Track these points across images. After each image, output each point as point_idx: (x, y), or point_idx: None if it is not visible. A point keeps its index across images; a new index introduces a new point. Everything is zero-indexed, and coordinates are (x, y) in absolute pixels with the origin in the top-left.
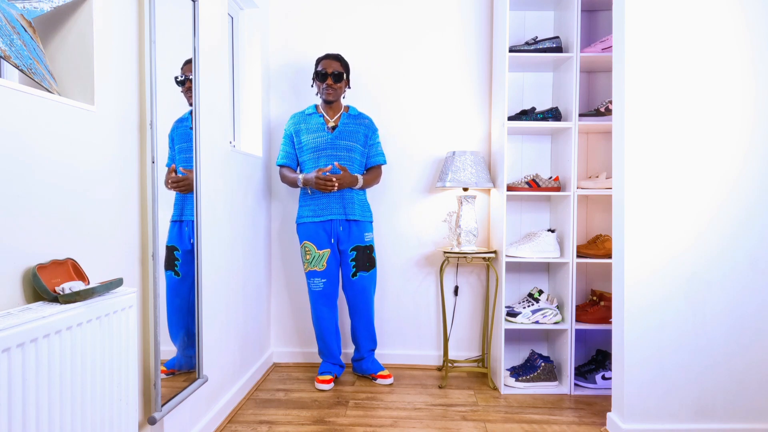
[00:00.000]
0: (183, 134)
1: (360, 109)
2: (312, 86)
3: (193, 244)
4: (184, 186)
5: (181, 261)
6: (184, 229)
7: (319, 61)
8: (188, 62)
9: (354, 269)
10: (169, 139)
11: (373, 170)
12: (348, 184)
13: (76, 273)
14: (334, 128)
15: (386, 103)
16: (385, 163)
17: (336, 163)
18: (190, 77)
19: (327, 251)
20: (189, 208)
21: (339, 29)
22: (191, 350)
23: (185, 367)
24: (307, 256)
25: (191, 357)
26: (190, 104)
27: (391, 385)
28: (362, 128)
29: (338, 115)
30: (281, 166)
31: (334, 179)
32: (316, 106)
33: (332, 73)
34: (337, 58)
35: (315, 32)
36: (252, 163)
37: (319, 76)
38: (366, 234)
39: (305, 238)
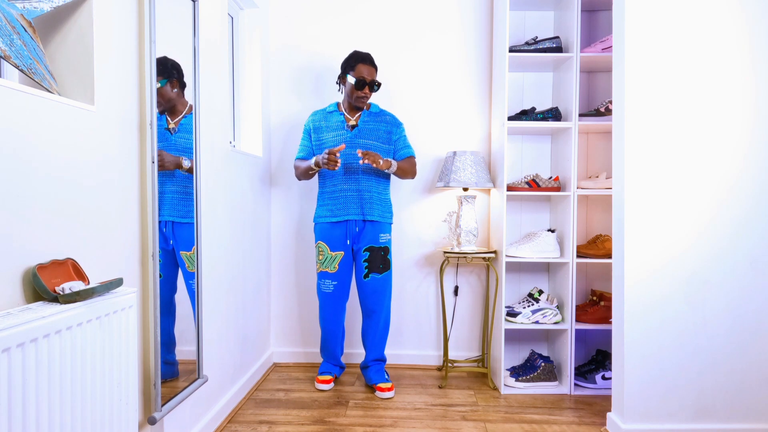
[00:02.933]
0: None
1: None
2: (337, 83)
3: (171, 245)
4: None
5: (162, 262)
6: (161, 228)
7: (355, 62)
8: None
9: (366, 270)
10: None
11: (406, 160)
12: (382, 162)
13: (76, 273)
14: (354, 127)
15: (386, 103)
16: (414, 155)
17: (359, 150)
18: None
19: (340, 254)
20: (166, 208)
21: (339, 29)
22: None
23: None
24: (320, 257)
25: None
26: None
27: (391, 398)
28: (384, 125)
29: (359, 113)
30: (297, 159)
31: (359, 153)
32: (337, 104)
33: (371, 82)
34: (374, 64)
35: (315, 32)
36: (252, 163)
37: (358, 84)
38: (382, 235)
39: (320, 238)
